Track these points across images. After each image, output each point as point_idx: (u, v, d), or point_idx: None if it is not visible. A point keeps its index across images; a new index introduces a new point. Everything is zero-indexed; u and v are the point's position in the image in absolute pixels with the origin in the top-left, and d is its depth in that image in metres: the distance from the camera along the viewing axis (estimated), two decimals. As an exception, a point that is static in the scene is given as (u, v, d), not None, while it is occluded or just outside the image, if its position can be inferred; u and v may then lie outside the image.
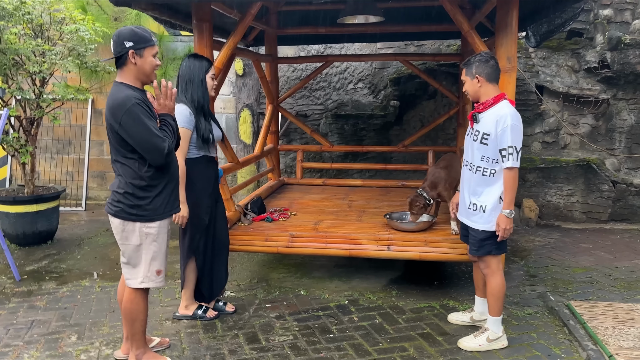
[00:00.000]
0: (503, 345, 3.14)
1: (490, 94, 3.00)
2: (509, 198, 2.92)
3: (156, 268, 2.74)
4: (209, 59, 3.39)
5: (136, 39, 2.56)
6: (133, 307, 2.78)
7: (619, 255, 4.96)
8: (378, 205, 4.86)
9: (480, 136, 3.00)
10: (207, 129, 3.29)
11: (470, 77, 3.03)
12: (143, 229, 2.66)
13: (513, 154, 2.86)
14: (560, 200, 6.23)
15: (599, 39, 5.90)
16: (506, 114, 2.91)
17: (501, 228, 2.94)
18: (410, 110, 6.58)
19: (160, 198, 2.68)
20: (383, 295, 3.95)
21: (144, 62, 2.60)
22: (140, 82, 2.67)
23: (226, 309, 3.62)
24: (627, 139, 6.10)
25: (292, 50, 6.72)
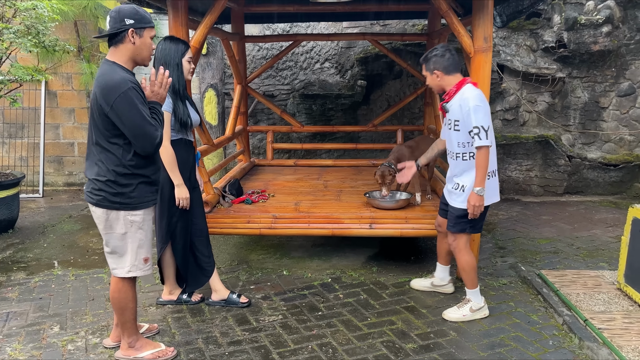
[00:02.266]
0: (485, 314, 3.30)
1: (452, 83, 3.13)
2: (480, 176, 3.03)
3: (143, 256, 2.69)
4: (185, 42, 3.28)
5: (138, 18, 2.47)
6: (121, 296, 2.73)
7: (577, 225, 5.26)
8: (353, 184, 4.92)
9: (453, 124, 3.14)
10: (185, 113, 3.21)
11: (430, 72, 3.16)
12: (128, 217, 2.59)
13: (480, 132, 2.97)
14: (519, 175, 6.51)
15: (556, 20, 6.14)
16: (467, 98, 3.04)
17: (470, 205, 3.06)
18: (377, 89, 6.64)
19: (145, 185, 2.61)
20: (364, 272, 4.04)
21: (142, 42, 2.51)
22: (133, 63, 2.57)
23: (192, 299, 3.53)
24: (581, 115, 6.42)
25: (257, 28, 6.61)
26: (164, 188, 3.21)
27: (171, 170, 3.15)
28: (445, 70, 3.10)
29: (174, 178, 3.17)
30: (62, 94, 6.74)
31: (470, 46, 3.51)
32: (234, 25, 5.57)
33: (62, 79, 6.62)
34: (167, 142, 3.09)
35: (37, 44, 4.64)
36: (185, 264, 3.45)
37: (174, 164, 3.14)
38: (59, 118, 6.84)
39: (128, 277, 2.71)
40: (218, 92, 6.72)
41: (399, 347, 2.94)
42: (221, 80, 6.76)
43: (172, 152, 3.12)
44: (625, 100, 6.28)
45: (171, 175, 3.16)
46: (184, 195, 3.19)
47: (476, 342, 2.99)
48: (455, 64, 3.12)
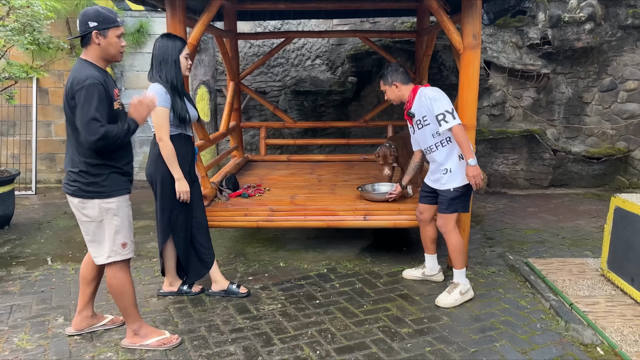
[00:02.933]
0: (471, 296, 3.50)
1: (409, 91, 3.47)
2: (466, 150, 3.28)
3: (120, 241, 2.77)
4: (182, 39, 3.36)
5: (100, 19, 2.58)
6: (117, 282, 2.82)
7: (562, 217, 5.45)
8: (346, 178, 5.04)
9: (422, 121, 3.41)
10: (183, 109, 3.29)
11: (389, 85, 3.48)
12: (102, 204, 2.69)
13: (446, 116, 3.25)
14: (506, 169, 6.69)
15: (541, 17, 6.31)
16: (426, 93, 3.38)
17: (470, 176, 3.28)
18: (367, 86, 6.77)
19: (116, 174, 2.72)
20: (359, 263, 4.16)
21: (107, 42, 2.62)
22: (104, 62, 2.69)
23: (192, 290, 3.63)
24: (565, 110, 6.61)
25: (248, 26, 6.70)
26: (165, 182, 3.29)
27: (171, 164, 3.23)
28: (402, 81, 3.46)
29: (174, 172, 3.25)
30: (53, 91, 6.76)
31: (459, 43, 3.65)
32: (227, 22, 5.65)
33: (54, 76, 6.64)
34: (166, 137, 3.18)
35: (33, 41, 4.68)
36: (187, 256, 3.54)
37: (173, 158, 3.23)
38: (51, 115, 6.86)
39: (120, 263, 2.81)
40: (210, 89, 6.78)
41: (395, 332, 3.07)
42: (213, 77, 6.82)
43: (171, 147, 3.21)
44: (607, 95, 6.49)
45: (171, 169, 3.25)
46: (184, 188, 3.27)
47: (468, 326, 3.14)
48: (408, 76, 3.50)
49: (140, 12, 6.53)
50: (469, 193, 3.44)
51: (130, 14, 6.53)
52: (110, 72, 2.69)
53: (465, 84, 3.70)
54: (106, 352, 2.88)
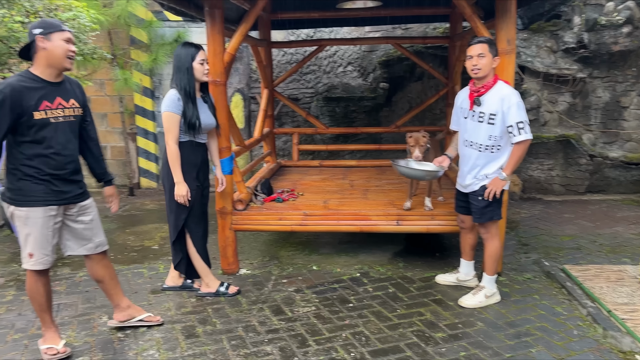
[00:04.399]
0: (497, 300, 3.50)
1: (492, 75, 3.28)
2: (512, 165, 3.21)
3: (28, 251, 2.80)
4: (197, 46, 3.43)
5: (44, 26, 2.66)
6: (27, 287, 2.90)
7: (600, 223, 5.34)
8: (378, 183, 5.09)
9: (487, 117, 3.25)
10: (194, 115, 3.36)
11: (493, 54, 3.22)
12: (15, 211, 2.76)
13: (524, 127, 3.13)
14: (541, 175, 6.60)
15: (576, 21, 6.22)
16: (510, 93, 3.20)
17: (492, 185, 3.24)
18: (399, 92, 6.80)
19: (35, 184, 2.72)
20: (391, 267, 4.19)
21: (53, 45, 2.63)
22: (52, 70, 2.70)
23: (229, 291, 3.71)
24: (602, 115, 6.49)
25: (282, 34, 6.82)
26: (172, 186, 3.41)
27: (173, 168, 3.35)
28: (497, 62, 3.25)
29: (175, 175, 3.35)
30: (95, 100, 7.02)
31: (493, 49, 3.65)
32: (262, 31, 5.78)
33: (96, 85, 6.90)
34: (172, 141, 3.32)
35: (79, 52, 4.89)
36: (206, 253, 3.66)
37: (176, 162, 3.34)
38: (92, 122, 7.11)
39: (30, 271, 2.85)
40: (244, 96, 6.94)
41: (429, 336, 3.09)
42: (247, 85, 6.98)
43: (176, 151, 3.34)
44: (647, 99, 6.34)
45: (172, 172, 3.36)
46: (181, 192, 3.36)
47: (503, 332, 3.13)
48: None
49: (177, 23, 6.73)
50: (501, 199, 3.39)
51: (168, 24, 6.74)
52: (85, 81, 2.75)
53: (499, 90, 3.69)
54: (148, 349, 3.00)
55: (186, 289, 3.77)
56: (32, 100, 2.66)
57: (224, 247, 4.05)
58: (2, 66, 4.70)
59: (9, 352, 2.99)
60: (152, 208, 6.26)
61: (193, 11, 4.36)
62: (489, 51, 3.21)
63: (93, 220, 3.01)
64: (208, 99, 3.58)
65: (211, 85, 3.80)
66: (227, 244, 4.05)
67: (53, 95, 2.73)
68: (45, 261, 2.83)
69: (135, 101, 7.01)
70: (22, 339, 3.14)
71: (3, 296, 3.78)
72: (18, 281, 4.06)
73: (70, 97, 2.83)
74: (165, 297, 3.72)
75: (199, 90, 3.49)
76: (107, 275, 3.15)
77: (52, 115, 2.73)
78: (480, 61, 3.20)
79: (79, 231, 2.96)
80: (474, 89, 3.32)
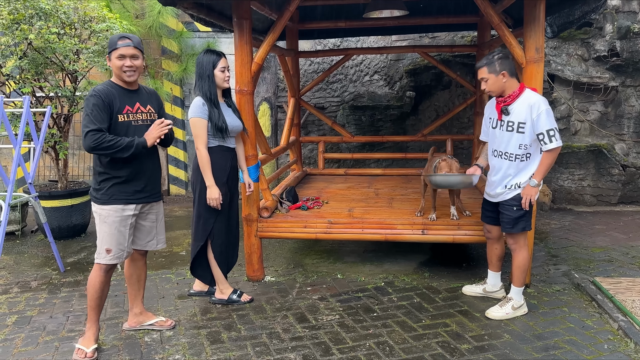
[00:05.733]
0: (524, 312, 3.44)
1: (514, 86, 3.25)
2: (542, 172, 3.19)
3: (105, 246, 2.99)
4: (219, 53, 3.52)
5: (109, 45, 2.94)
6: (90, 281, 3.06)
7: (632, 235, 5.20)
8: (404, 192, 5.06)
9: (516, 126, 3.22)
10: (220, 119, 3.45)
11: (495, 73, 3.20)
12: (96, 209, 2.99)
13: (555, 134, 3.11)
14: (572, 185, 6.46)
15: (608, 29, 6.11)
16: (538, 101, 3.17)
17: (526, 194, 3.22)
18: (425, 100, 6.77)
19: (117, 184, 2.95)
20: (416, 277, 4.16)
21: (112, 64, 2.93)
22: (120, 81, 2.97)
23: (241, 299, 3.73)
24: (635, 124, 6.33)
25: (309, 44, 6.89)
26: (203, 191, 3.49)
27: (204, 172, 3.42)
28: (510, 72, 3.21)
29: (207, 179, 3.42)
30: (127, 108, 7.20)
31: (522, 57, 3.61)
32: (289, 41, 5.85)
33: (127, 94, 7.08)
34: (202, 146, 3.41)
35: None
36: (224, 262, 3.71)
37: (207, 166, 3.41)
38: (124, 131, 7.29)
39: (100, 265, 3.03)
40: (271, 105, 7.02)
41: (454, 347, 3.05)
42: (274, 94, 7.06)
43: (206, 156, 3.41)
44: (683, 108, 6.15)
45: (204, 176, 3.43)
46: (214, 195, 3.43)
47: (530, 344, 3.07)
48: (514, 68, 3.27)
49: (207, 34, 6.87)
50: (531, 209, 3.36)
51: (198, 35, 6.89)
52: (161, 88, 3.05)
53: (527, 98, 3.64)
54: (174, 354, 3.04)
55: (212, 294, 3.81)
56: (117, 104, 2.92)
57: (250, 253, 4.09)
58: (38, 76, 4.88)
59: (40, 354, 3.08)
60: (181, 215, 6.36)
61: (222, 22, 4.45)
62: (488, 73, 3.22)
63: (159, 219, 3.26)
64: (231, 103, 3.66)
65: (238, 94, 3.87)
66: (253, 251, 4.09)
67: (133, 100, 2.99)
68: (121, 256, 3.04)
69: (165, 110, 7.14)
70: (53, 341, 3.23)
71: (36, 299, 3.89)
72: (50, 285, 4.18)
73: (147, 103, 3.08)
74: (192, 303, 3.77)
75: (222, 96, 3.59)
76: (138, 276, 3.32)
77: (134, 119, 2.98)
78: (486, 85, 3.26)
79: (146, 228, 3.17)
80: (500, 99, 3.30)
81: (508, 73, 3.20)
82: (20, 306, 3.76)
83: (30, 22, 4.61)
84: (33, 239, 5.48)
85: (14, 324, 3.48)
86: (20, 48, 4.71)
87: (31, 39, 4.53)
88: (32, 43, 4.63)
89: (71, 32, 4.81)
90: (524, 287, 3.45)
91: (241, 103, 3.87)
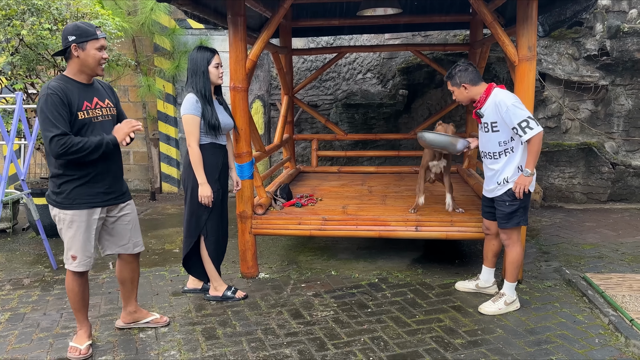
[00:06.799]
0: (517, 307, 3.49)
1: (480, 91, 3.39)
2: (531, 160, 3.24)
3: (71, 253, 2.86)
4: (212, 49, 3.51)
5: (78, 33, 2.68)
6: (67, 287, 2.97)
7: (622, 232, 5.27)
8: (397, 189, 5.09)
9: (490, 126, 3.36)
10: (213, 116, 3.44)
11: (457, 87, 3.42)
12: (60, 214, 2.81)
13: (529, 124, 3.17)
14: (562, 183, 6.53)
15: (599, 28, 6.18)
16: (503, 99, 3.28)
17: (517, 183, 3.27)
18: (418, 98, 6.81)
19: (80, 187, 2.77)
20: (410, 274, 4.19)
21: (86, 55, 2.70)
22: (85, 75, 2.78)
23: (236, 296, 3.73)
24: (625, 122, 6.41)
25: (302, 42, 6.89)
26: (195, 188, 3.48)
27: (196, 169, 3.42)
28: (472, 82, 3.38)
29: (198, 177, 3.41)
30: (119, 106, 7.16)
31: (514, 55, 3.65)
32: (282, 39, 5.85)
33: (120, 91, 7.05)
34: (194, 143, 3.39)
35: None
36: (218, 259, 3.72)
37: (199, 164, 3.40)
38: (116, 128, 7.26)
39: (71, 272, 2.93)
40: (264, 103, 7.02)
41: (448, 342, 3.08)
42: (267, 92, 7.06)
43: (198, 153, 3.41)
44: (671, 107, 6.24)
45: (196, 174, 3.43)
46: (206, 193, 3.43)
47: (523, 339, 3.11)
48: (478, 75, 3.44)
49: (200, 30, 6.85)
50: (527, 204, 3.41)
51: (191, 32, 6.86)
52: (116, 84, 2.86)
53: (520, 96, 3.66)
54: (170, 350, 3.05)
55: (207, 291, 3.82)
56: (76, 101, 2.71)
57: (244, 250, 4.10)
58: (30, 72, 4.85)
59: (34, 351, 3.07)
60: (173, 212, 6.35)
61: (216, 19, 4.45)
62: (452, 86, 3.45)
63: (132, 221, 3.09)
64: (223, 100, 3.66)
65: (232, 91, 3.87)
66: (247, 248, 4.09)
67: (90, 95, 2.80)
68: (88, 262, 2.92)
69: (157, 107, 7.14)
70: (47, 338, 3.22)
71: (29, 296, 3.87)
72: (43, 282, 4.16)
73: (105, 98, 2.90)
74: (186, 299, 3.77)
75: (214, 93, 3.58)
76: (131, 279, 3.24)
77: (94, 115, 2.79)
78: (454, 96, 3.48)
79: (118, 231, 3.03)
80: (474, 105, 3.45)
81: (469, 84, 3.38)
82: (13, 303, 3.74)
83: (22, 18, 4.58)
84: (25, 236, 5.45)
85: (7, 321, 3.46)
86: (12, 44, 4.68)
87: (23, 35, 4.50)
88: (24, 39, 4.60)
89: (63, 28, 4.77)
90: (516, 282, 3.50)
91: (235, 100, 3.87)
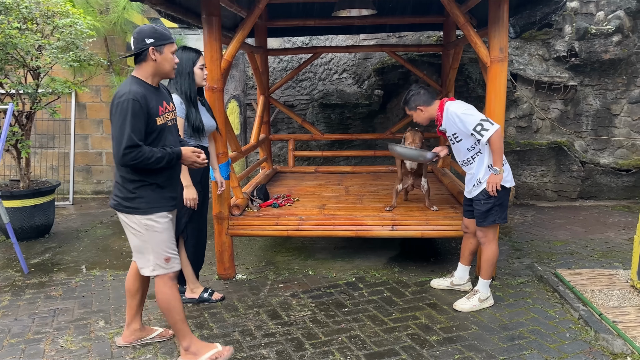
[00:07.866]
0: (491, 304, 3.57)
1: (435, 109, 3.54)
2: (496, 158, 3.35)
3: (164, 256, 2.76)
4: (197, 50, 3.47)
5: (157, 36, 2.62)
6: (163, 297, 2.79)
7: (591, 229, 5.41)
8: (373, 189, 5.13)
9: (453, 138, 3.50)
10: (197, 119, 3.41)
11: (414, 110, 3.58)
12: (142, 220, 2.69)
13: (483, 126, 3.28)
14: (533, 181, 6.67)
15: (567, 30, 6.33)
16: (452, 111, 3.43)
17: (488, 182, 3.38)
18: (393, 98, 6.86)
19: (154, 191, 2.70)
20: (386, 272, 4.23)
21: (163, 58, 2.66)
22: (157, 78, 2.73)
23: (212, 298, 3.71)
24: (593, 122, 6.58)
25: (278, 42, 6.88)
26: None
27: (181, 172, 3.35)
28: (425, 103, 3.53)
29: (183, 180, 3.34)
30: (91, 106, 7.05)
31: (486, 56, 3.72)
32: (258, 39, 5.83)
33: (92, 91, 6.93)
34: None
35: (75, 59, 4.93)
36: (197, 262, 3.70)
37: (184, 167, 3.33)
38: (88, 129, 7.14)
39: (164, 277, 2.78)
40: (240, 103, 6.97)
41: (424, 339, 3.12)
42: (243, 92, 7.02)
43: None
44: (637, 107, 6.44)
45: (181, 176, 3.32)
46: (191, 195, 3.37)
47: (497, 335, 3.17)
48: (431, 95, 3.57)
49: (174, 30, 6.77)
50: (505, 203, 3.48)
51: (164, 31, 6.78)
52: None
53: (492, 97, 3.76)
54: (146, 354, 3.01)
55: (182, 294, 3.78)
56: (154, 106, 2.64)
57: (221, 252, 4.08)
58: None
59: (6, 357, 3.00)
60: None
61: (190, 19, 4.40)
62: (409, 111, 3.61)
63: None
64: (205, 102, 3.63)
65: (208, 91, 3.84)
66: (224, 249, 4.07)
67: (160, 99, 2.73)
68: (178, 262, 2.84)
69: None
70: (19, 344, 3.15)
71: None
72: (14, 287, 4.06)
73: (170, 101, 2.85)
74: (162, 302, 3.73)
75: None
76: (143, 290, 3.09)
77: (165, 120, 2.73)
78: (414, 119, 3.64)
79: None
80: (435, 122, 3.59)
81: (423, 105, 3.53)
82: (-17, 309, 3.65)
83: (-10, 17, 4.46)
84: (-6, 240, 5.31)
85: (-24, 327, 3.38)
86: (-21, 43, 4.56)
87: (-9, 33, 4.39)
88: (-9, 38, 4.48)
89: (33, 27, 4.68)
90: (490, 280, 3.57)
91: (211, 100, 3.84)
